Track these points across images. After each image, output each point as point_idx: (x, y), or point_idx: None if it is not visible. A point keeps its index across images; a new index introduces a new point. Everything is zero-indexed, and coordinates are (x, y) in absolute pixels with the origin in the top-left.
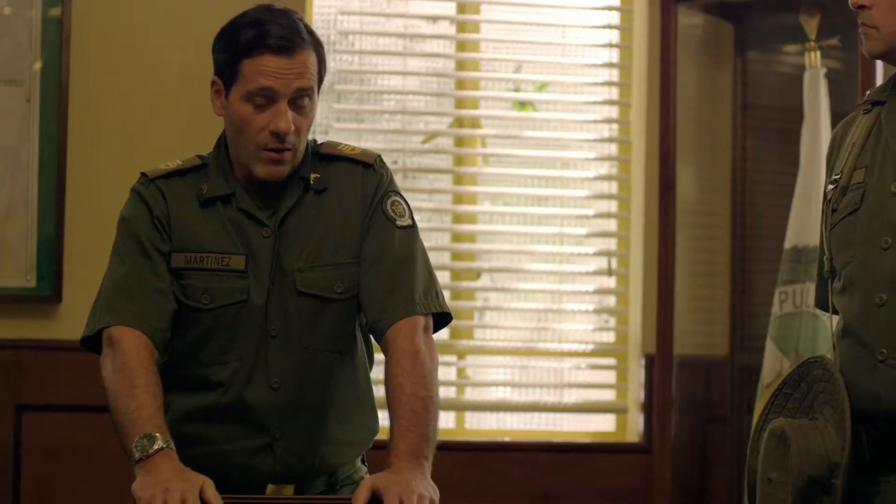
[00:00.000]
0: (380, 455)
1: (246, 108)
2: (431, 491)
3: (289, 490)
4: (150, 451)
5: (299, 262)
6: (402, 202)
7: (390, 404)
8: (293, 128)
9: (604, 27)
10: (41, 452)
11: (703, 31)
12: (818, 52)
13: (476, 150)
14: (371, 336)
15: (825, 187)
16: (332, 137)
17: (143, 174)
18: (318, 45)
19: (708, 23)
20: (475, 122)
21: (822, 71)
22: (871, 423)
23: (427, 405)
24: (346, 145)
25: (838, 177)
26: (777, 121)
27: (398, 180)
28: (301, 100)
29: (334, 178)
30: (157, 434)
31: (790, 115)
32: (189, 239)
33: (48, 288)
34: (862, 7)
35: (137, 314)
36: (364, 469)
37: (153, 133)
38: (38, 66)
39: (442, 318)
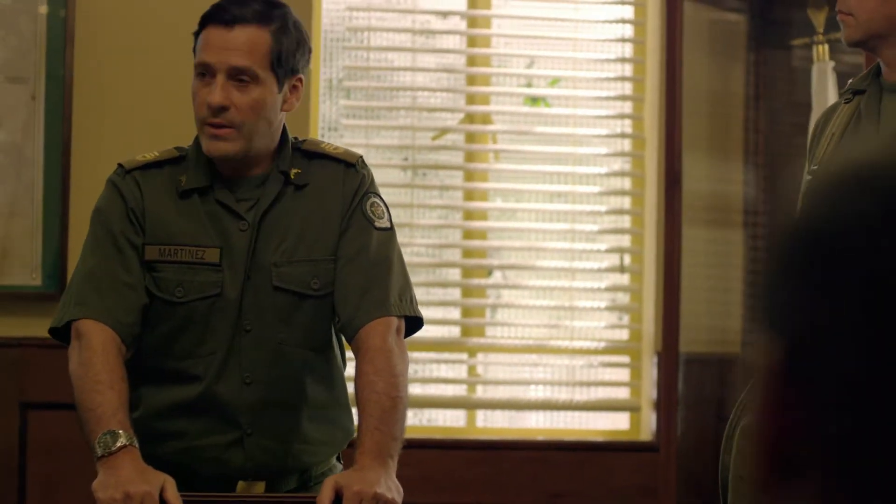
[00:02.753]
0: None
1: (195, 81)
2: (394, 490)
3: (259, 487)
4: (113, 448)
5: (276, 256)
6: (382, 204)
7: (360, 402)
8: (227, 103)
9: (617, 21)
10: (46, 450)
11: (715, 25)
12: (826, 46)
13: (487, 146)
14: (342, 335)
15: (804, 177)
16: (342, 134)
17: (119, 165)
18: (282, 33)
19: (720, 16)
20: (486, 118)
21: (831, 64)
22: None
23: (396, 405)
24: (328, 144)
25: (816, 167)
26: (790, 114)
27: (409, 177)
28: (240, 76)
29: (316, 175)
30: (121, 431)
31: (804, 109)
32: (164, 231)
33: (53, 286)
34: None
35: (105, 308)
36: (339, 467)
37: (158, 130)
38: (42, 63)
39: (414, 324)
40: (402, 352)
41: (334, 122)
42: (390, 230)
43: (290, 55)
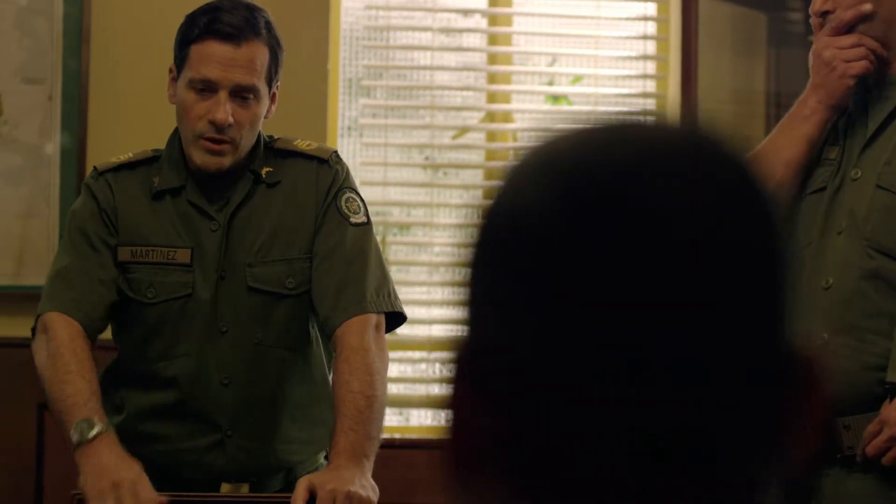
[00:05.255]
0: None
1: (189, 94)
2: (369, 489)
3: (244, 489)
4: (89, 437)
5: (249, 257)
6: (357, 199)
7: (335, 401)
8: (231, 121)
9: (639, 19)
10: (63, 450)
11: (736, 22)
12: None
13: (508, 144)
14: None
15: None
16: (362, 133)
17: (94, 167)
18: (274, 43)
19: (741, 13)
20: (507, 117)
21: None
22: None
23: (372, 404)
24: (301, 141)
25: None
26: None
27: (429, 176)
28: (244, 93)
29: (288, 172)
30: (95, 418)
31: None
32: (135, 232)
33: None
34: (825, 13)
35: (73, 301)
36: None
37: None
38: (59, 64)
39: (396, 319)
40: (381, 349)
41: (354, 122)
42: (366, 224)
43: (279, 65)
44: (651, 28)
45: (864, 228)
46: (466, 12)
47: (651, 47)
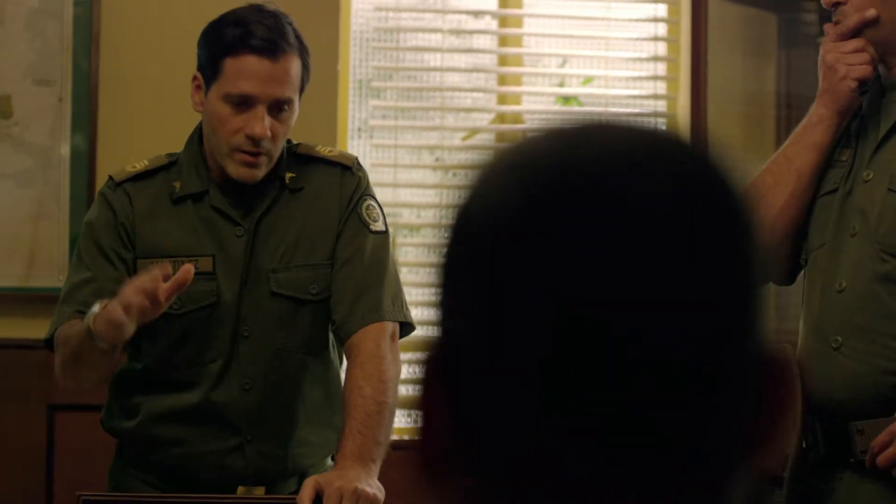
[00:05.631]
0: None
1: (223, 107)
2: (375, 489)
3: (259, 491)
4: (96, 310)
5: (273, 262)
6: (377, 206)
7: (346, 406)
8: (269, 134)
9: (650, 20)
10: (74, 452)
11: (747, 24)
12: None
13: None
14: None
15: None
16: (372, 135)
17: (110, 177)
18: (303, 52)
19: (751, 14)
20: (518, 118)
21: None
22: (825, 414)
23: (382, 410)
24: (323, 147)
25: None
26: None
27: (439, 178)
28: (281, 106)
29: (311, 178)
30: (94, 306)
31: None
32: (156, 243)
33: None
34: (837, 5)
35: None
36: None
37: (183, 132)
38: (69, 65)
39: (404, 328)
40: (395, 358)
41: (364, 123)
42: (385, 233)
43: (309, 72)
44: (662, 29)
45: (877, 231)
46: (477, 14)
47: (662, 49)
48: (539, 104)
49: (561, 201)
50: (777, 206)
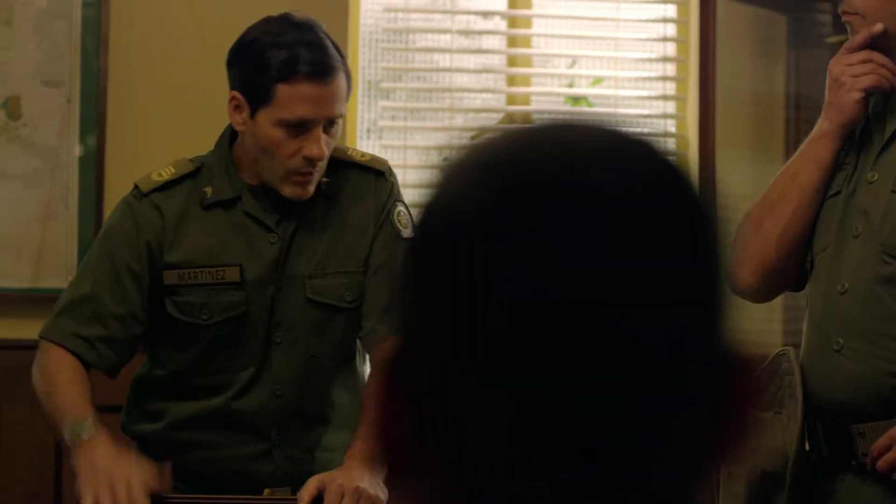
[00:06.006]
0: None
1: (277, 132)
2: (378, 489)
3: (284, 492)
4: (83, 437)
5: (308, 269)
6: (406, 212)
7: (362, 410)
8: (327, 154)
9: (659, 21)
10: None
11: (756, 24)
12: None
13: None
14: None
15: None
16: (381, 135)
17: (136, 186)
18: (344, 63)
19: (760, 15)
20: (527, 119)
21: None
22: (827, 415)
23: None
24: (354, 150)
25: None
26: None
27: None
28: (333, 122)
29: (346, 184)
30: (87, 419)
31: None
32: (183, 253)
33: None
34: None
35: (98, 344)
36: None
37: (192, 133)
38: (77, 67)
39: None
40: None
41: (373, 124)
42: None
43: (350, 82)
44: (671, 30)
45: (880, 233)
46: (486, 14)
47: (671, 49)
48: (548, 105)
49: (523, 197)
50: (782, 222)
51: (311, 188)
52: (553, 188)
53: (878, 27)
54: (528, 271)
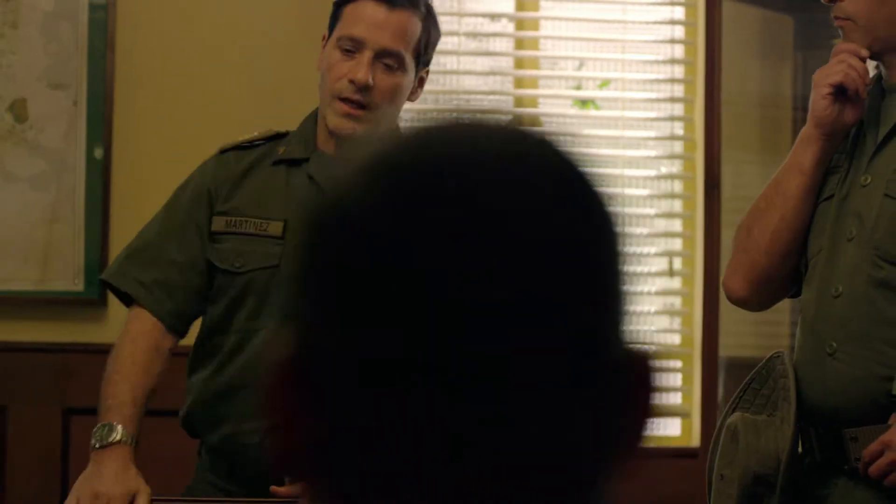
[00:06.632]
0: None
1: (334, 53)
2: None
3: None
4: (105, 443)
5: None
6: None
7: None
8: (371, 82)
9: (667, 23)
10: (89, 455)
11: (764, 26)
12: None
13: None
14: None
15: None
16: None
17: (219, 148)
18: (430, 23)
19: (768, 17)
20: (535, 121)
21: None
22: (819, 419)
23: None
24: None
25: None
26: None
27: None
28: (388, 59)
29: None
30: (119, 426)
31: None
32: (236, 201)
33: (95, 292)
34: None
35: (154, 288)
36: None
37: (199, 136)
38: (84, 69)
39: None
40: None
41: None
42: None
43: (431, 46)
44: (678, 32)
45: (873, 237)
46: (494, 16)
47: (679, 51)
48: (556, 107)
49: (425, 202)
50: (769, 230)
51: (358, 127)
52: (446, 189)
53: (864, 53)
54: (420, 271)
